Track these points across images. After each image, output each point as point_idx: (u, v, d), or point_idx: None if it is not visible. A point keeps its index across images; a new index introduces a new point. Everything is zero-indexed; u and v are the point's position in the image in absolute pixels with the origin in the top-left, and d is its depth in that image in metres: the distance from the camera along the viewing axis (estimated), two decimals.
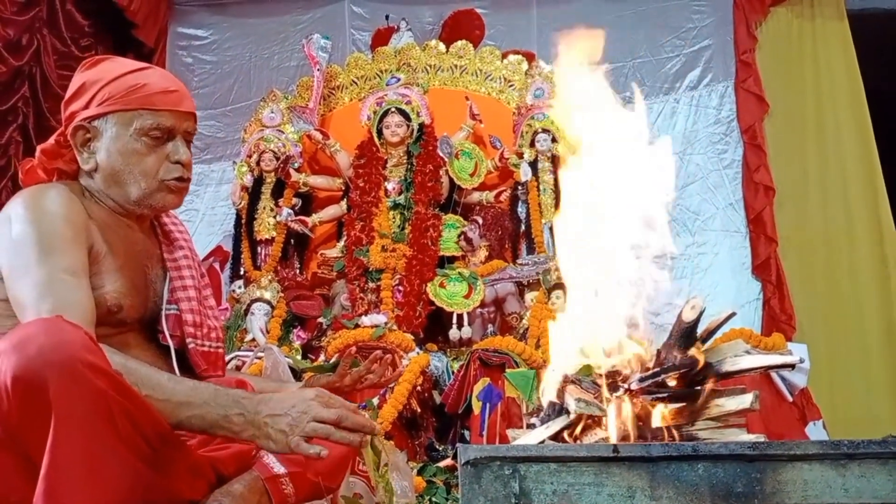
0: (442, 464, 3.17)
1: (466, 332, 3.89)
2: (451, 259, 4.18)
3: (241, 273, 4.43)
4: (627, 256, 1.54)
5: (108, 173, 1.47)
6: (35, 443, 1.12)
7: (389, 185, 4.30)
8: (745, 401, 1.33)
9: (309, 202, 4.58)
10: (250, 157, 4.54)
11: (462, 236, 4.17)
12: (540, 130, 4.30)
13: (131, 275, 1.46)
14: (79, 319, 1.26)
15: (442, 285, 3.98)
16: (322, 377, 1.72)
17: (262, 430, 1.21)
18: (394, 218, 4.24)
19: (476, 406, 3.28)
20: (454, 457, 3.03)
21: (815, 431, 3.78)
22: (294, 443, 1.19)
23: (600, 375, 1.39)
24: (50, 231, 1.35)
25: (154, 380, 1.25)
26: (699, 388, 1.39)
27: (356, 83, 4.77)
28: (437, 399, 3.61)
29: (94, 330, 1.30)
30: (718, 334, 1.45)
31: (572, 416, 1.33)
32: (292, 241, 4.49)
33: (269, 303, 4.12)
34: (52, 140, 1.53)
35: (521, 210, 4.31)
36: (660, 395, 1.37)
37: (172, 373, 1.48)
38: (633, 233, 1.55)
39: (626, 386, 1.36)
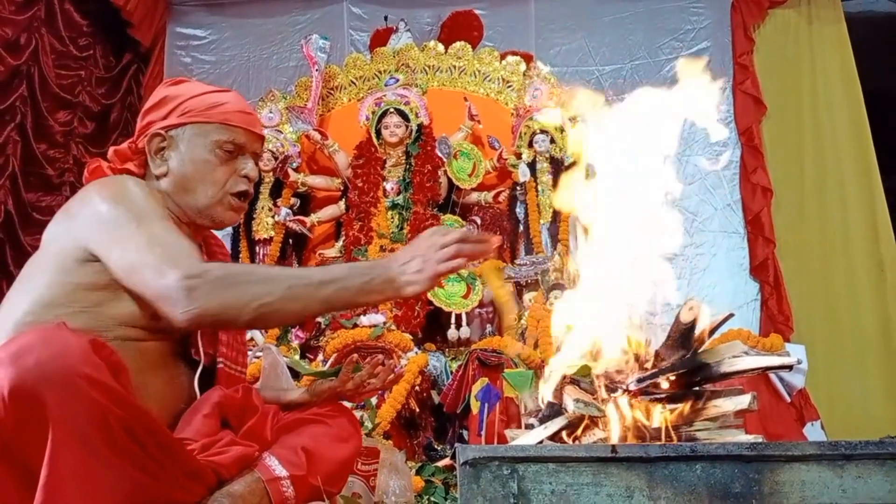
0: (440, 463, 3.17)
1: (465, 332, 3.89)
2: None
3: None
4: (625, 257, 1.54)
5: (179, 179, 1.53)
6: (32, 454, 1.12)
7: (388, 186, 4.30)
8: (742, 401, 1.34)
9: (307, 202, 4.58)
10: None
11: None
12: (538, 131, 4.30)
13: None
14: (189, 257, 1.33)
15: (440, 285, 3.97)
16: (325, 382, 1.72)
17: (400, 280, 1.32)
18: (392, 218, 4.24)
19: (474, 406, 3.28)
20: (453, 456, 3.03)
21: (813, 432, 3.78)
22: (432, 275, 1.31)
23: (599, 376, 1.39)
24: (138, 205, 1.41)
25: (292, 271, 1.36)
26: (697, 388, 1.40)
27: (355, 84, 4.77)
28: (436, 399, 3.61)
29: (188, 280, 1.31)
30: (716, 335, 1.45)
31: (571, 417, 1.33)
32: (291, 240, 4.49)
33: None
34: (124, 145, 1.58)
35: (519, 210, 4.31)
36: (658, 396, 1.37)
37: (192, 390, 1.48)
38: (632, 234, 1.56)
39: (624, 387, 1.37)
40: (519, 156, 4.32)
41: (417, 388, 3.51)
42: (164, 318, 1.40)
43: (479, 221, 4.30)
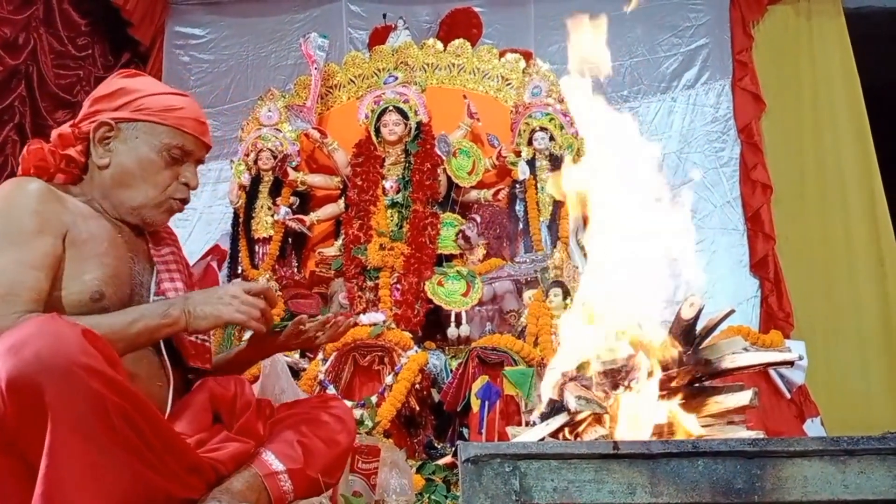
0: (441, 461, 3.16)
1: (465, 330, 3.89)
2: (450, 257, 4.17)
3: (239, 272, 4.42)
4: (626, 256, 1.54)
5: (119, 173, 1.52)
6: (32, 446, 1.12)
7: (387, 184, 4.29)
8: (744, 397, 1.34)
9: (307, 201, 4.57)
10: (248, 155, 4.52)
11: (460, 234, 4.16)
12: (537, 129, 4.29)
13: (115, 264, 1.48)
14: (27, 302, 1.31)
15: (440, 283, 3.97)
16: (272, 335, 1.70)
17: (196, 312, 1.41)
18: (392, 216, 4.23)
19: (475, 404, 3.28)
20: (454, 454, 3.03)
21: (813, 429, 3.78)
22: (223, 318, 1.40)
23: (600, 373, 1.39)
24: (15, 224, 1.39)
25: (103, 318, 1.35)
26: (698, 384, 1.39)
27: (354, 82, 4.76)
28: (436, 397, 3.61)
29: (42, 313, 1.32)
30: (717, 331, 1.45)
31: (572, 414, 1.33)
32: (290, 239, 4.49)
33: None
34: (66, 127, 1.57)
35: (518, 208, 4.30)
36: (660, 393, 1.37)
37: (163, 361, 1.49)
38: (633, 233, 1.56)
39: (625, 383, 1.36)
40: (518, 153, 4.31)
41: (417, 386, 3.50)
42: (104, 299, 1.42)
43: (478, 219, 4.30)
